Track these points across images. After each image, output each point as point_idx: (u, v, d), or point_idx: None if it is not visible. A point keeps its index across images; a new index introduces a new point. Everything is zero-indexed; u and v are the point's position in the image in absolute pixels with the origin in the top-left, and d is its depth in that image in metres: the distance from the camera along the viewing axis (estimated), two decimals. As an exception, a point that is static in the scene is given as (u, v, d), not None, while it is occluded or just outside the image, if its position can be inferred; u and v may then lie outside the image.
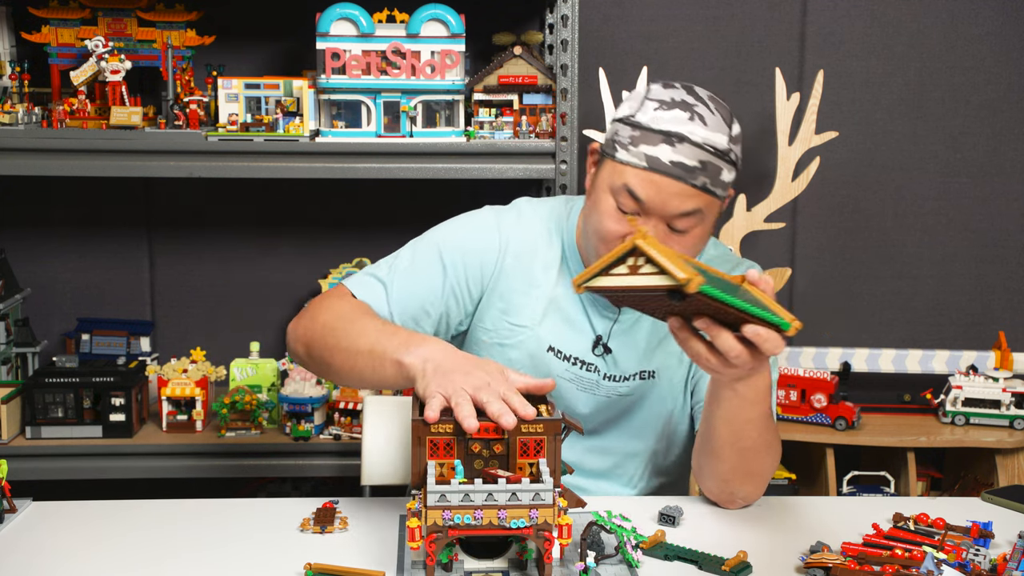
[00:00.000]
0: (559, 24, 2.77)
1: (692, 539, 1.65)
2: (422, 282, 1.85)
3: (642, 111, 1.70)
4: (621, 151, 1.70)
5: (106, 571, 1.54)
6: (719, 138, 1.69)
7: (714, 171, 1.69)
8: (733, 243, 2.91)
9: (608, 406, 1.88)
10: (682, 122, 1.67)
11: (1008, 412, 2.90)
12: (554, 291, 1.86)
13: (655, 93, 1.72)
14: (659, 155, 1.67)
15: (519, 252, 1.86)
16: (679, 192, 1.67)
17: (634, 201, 1.69)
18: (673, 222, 1.70)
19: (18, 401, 2.75)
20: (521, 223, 1.89)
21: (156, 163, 2.67)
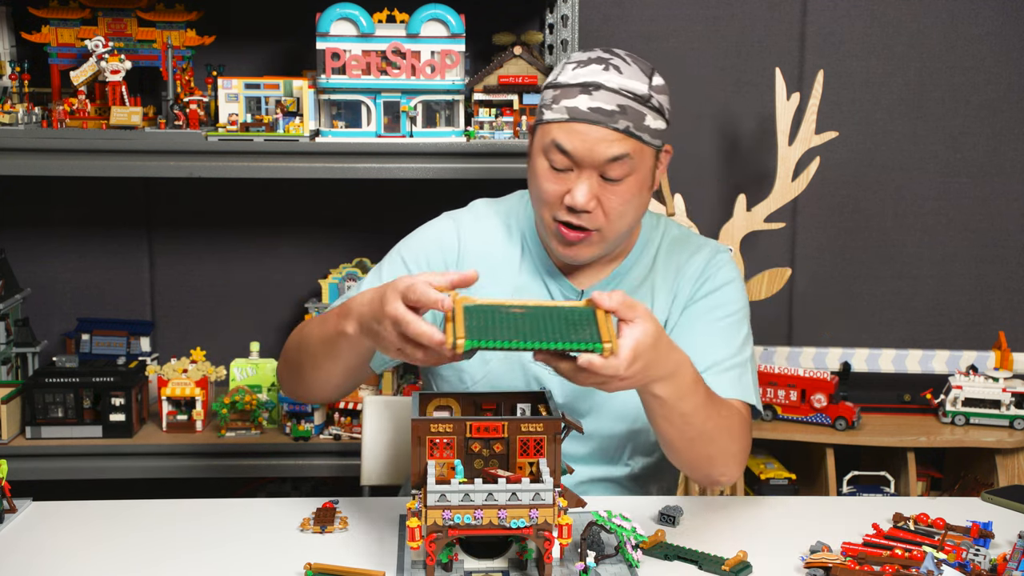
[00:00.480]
0: (559, 24, 2.77)
1: (692, 539, 1.65)
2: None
3: (562, 73, 1.77)
4: (546, 112, 1.76)
5: (106, 571, 1.54)
6: (637, 84, 1.75)
7: (635, 115, 1.73)
8: (733, 243, 2.91)
9: (584, 391, 1.87)
10: (597, 73, 1.74)
11: (1008, 412, 2.90)
12: (516, 281, 1.89)
13: (574, 57, 1.79)
14: (577, 104, 1.72)
15: (478, 248, 1.90)
16: (603, 137, 1.72)
17: (563, 155, 1.73)
18: (605, 171, 1.73)
19: (18, 401, 2.75)
20: (478, 221, 1.93)
21: (156, 163, 2.67)
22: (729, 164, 3.15)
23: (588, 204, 1.73)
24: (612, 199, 1.74)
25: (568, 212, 1.75)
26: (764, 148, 3.10)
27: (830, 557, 1.53)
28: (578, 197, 1.72)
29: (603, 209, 1.75)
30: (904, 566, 1.50)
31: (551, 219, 1.77)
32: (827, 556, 1.54)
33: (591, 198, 1.73)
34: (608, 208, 1.75)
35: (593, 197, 1.73)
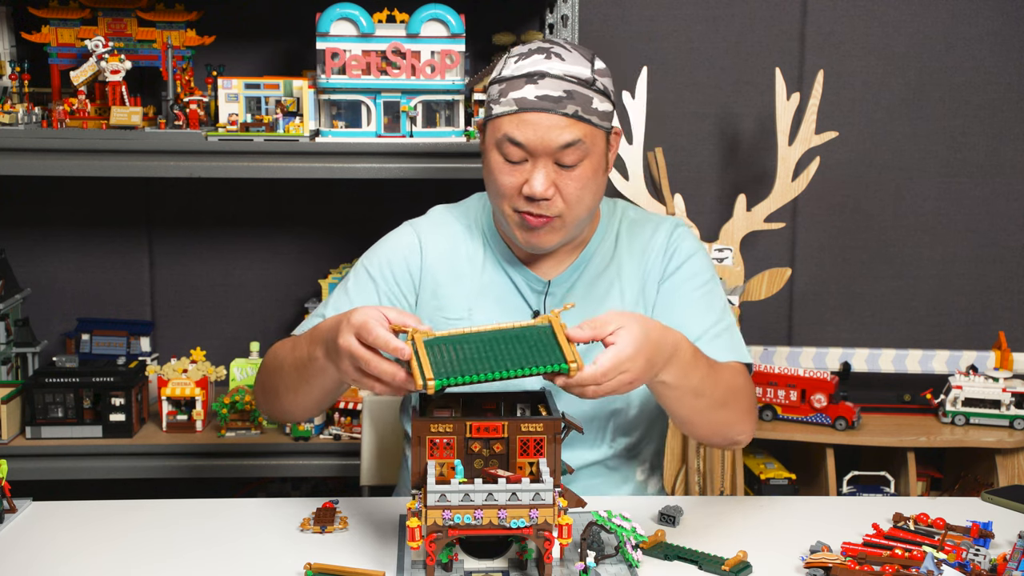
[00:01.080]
0: (559, 24, 2.77)
1: (692, 539, 1.65)
2: (359, 301, 1.89)
3: (505, 67, 1.80)
4: (494, 106, 1.78)
5: (106, 571, 1.54)
6: (580, 69, 1.77)
7: (583, 99, 1.75)
8: (733, 243, 2.91)
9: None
10: (540, 62, 1.76)
11: (1008, 412, 2.90)
12: (481, 279, 1.91)
13: (515, 51, 1.82)
14: (525, 95, 1.74)
15: (439, 250, 1.93)
16: (554, 124, 1.74)
17: (516, 147, 1.76)
18: (559, 158, 1.75)
19: (18, 401, 2.75)
20: (437, 226, 1.97)
21: (156, 163, 2.67)
22: (729, 164, 3.16)
23: (547, 192, 1.76)
24: (569, 184, 1.77)
25: (527, 202, 1.78)
26: (764, 148, 3.10)
27: (830, 557, 1.53)
28: (536, 186, 1.75)
29: (561, 195, 1.78)
30: (904, 566, 1.50)
31: (512, 211, 1.80)
32: (827, 556, 1.54)
33: (549, 185, 1.76)
34: (566, 194, 1.78)
35: (551, 184, 1.76)
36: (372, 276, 1.92)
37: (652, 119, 2.88)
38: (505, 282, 1.91)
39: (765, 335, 3.17)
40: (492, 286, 1.91)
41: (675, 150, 3.08)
